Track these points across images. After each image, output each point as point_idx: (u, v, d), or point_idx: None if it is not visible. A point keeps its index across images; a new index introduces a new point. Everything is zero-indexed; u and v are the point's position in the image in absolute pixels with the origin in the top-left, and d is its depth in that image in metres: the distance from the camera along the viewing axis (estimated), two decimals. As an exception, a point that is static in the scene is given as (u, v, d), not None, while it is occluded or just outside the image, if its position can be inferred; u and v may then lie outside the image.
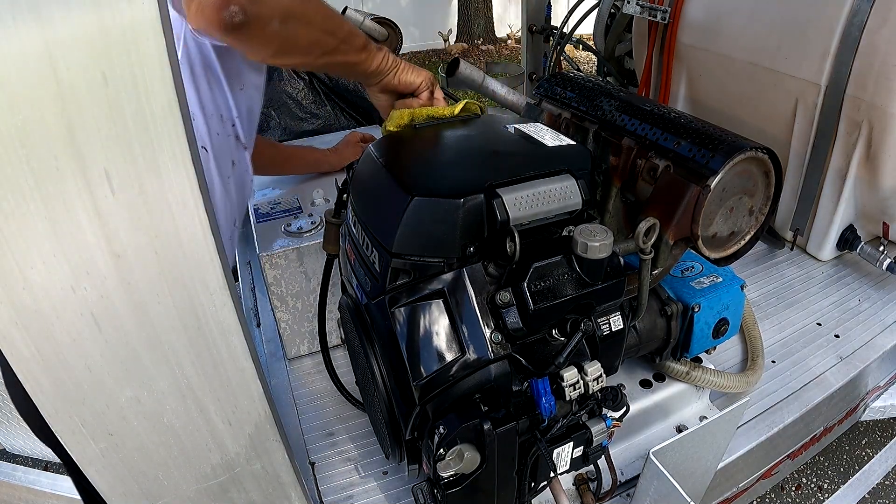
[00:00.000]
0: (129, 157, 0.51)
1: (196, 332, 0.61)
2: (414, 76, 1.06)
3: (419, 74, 1.07)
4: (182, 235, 0.56)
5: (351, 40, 0.97)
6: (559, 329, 0.84)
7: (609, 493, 1.04)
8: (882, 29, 1.43)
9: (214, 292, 0.60)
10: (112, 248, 0.53)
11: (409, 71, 1.06)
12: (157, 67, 0.49)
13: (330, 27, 0.93)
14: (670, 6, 2.00)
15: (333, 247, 1.13)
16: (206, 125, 0.99)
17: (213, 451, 0.72)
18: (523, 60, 3.03)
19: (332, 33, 0.93)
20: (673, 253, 0.92)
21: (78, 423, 0.60)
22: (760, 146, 0.87)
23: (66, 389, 0.58)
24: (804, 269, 1.76)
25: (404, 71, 1.05)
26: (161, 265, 0.56)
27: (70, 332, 0.55)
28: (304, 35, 0.90)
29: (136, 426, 0.64)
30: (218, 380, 0.66)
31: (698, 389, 1.21)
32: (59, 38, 0.45)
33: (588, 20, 2.90)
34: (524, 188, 0.80)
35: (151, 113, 0.50)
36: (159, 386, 0.63)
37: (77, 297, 0.54)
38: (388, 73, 1.04)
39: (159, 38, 0.48)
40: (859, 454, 1.97)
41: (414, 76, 1.06)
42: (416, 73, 1.07)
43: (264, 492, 0.81)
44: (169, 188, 0.54)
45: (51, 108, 0.47)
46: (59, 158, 0.48)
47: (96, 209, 0.51)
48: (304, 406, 1.32)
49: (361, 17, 2.27)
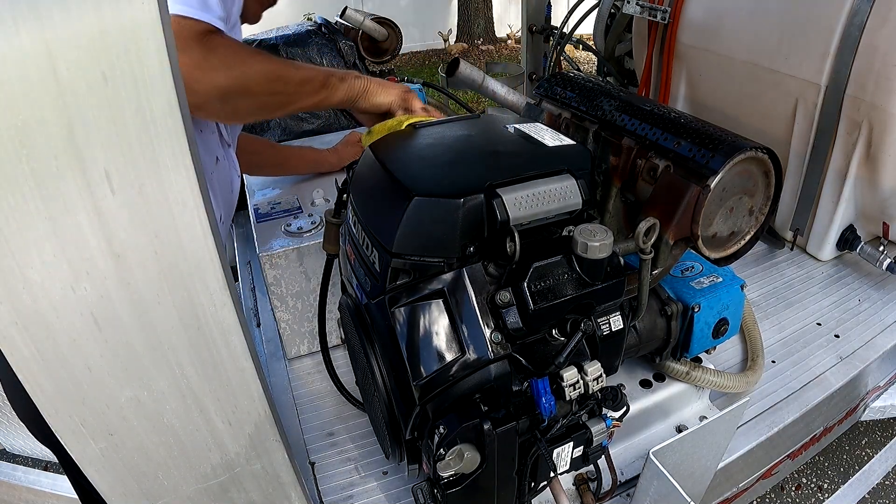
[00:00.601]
0: (129, 157, 0.51)
1: (196, 332, 0.61)
2: (383, 97, 1.08)
3: (389, 94, 1.08)
4: (182, 235, 0.56)
5: (305, 86, 0.99)
6: (559, 329, 0.84)
7: (609, 493, 1.04)
8: (882, 29, 1.43)
9: (214, 292, 0.60)
10: (112, 248, 0.53)
11: (378, 93, 1.08)
12: (157, 67, 0.49)
13: (276, 88, 0.94)
14: (670, 6, 2.00)
15: (333, 247, 1.13)
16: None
17: (213, 451, 0.72)
18: (523, 60, 3.04)
19: (278, 92, 0.95)
20: (673, 253, 0.92)
21: (78, 422, 0.60)
22: (760, 146, 0.87)
23: (66, 389, 0.58)
24: (804, 269, 1.76)
25: (374, 94, 1.07)
26: (161, 265, 0.56)
27: (70, 332, 0.55)
28: (247, 105, 0.93)
29: (136, 426, 0.64)
30: (218, 380, 0.66)
31: (698, 389, 1.21)
32: (59, 38, 0.45)
33: (588, 20, 2.91)
34: (524, 188, 0.80)
35: (151, 113, 0.50)
36: (159, 386, 0.63)
37: (77, 297, 0.54)
38: (358, 99, 1.06)
39: (159, 38, 0.48)
40: (859, 454, 1.97)
41: (383, 97, 1.08)
42: (386, 93, 1.08)
43: (264, 492, 0.81)
44: (169, 188, 0.53)
45: (51, 108, 0.47)
46: (59, 158, 0.48)
47: (96, 209, 0.51)
48: (304, 406, 1.32)
49: (361, 17, 2.27)
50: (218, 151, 1.11)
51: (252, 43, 2.08)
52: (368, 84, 1.07)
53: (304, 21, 2.33)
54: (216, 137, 1.09)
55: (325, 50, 2.06)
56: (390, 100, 1.08)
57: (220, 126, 1.10)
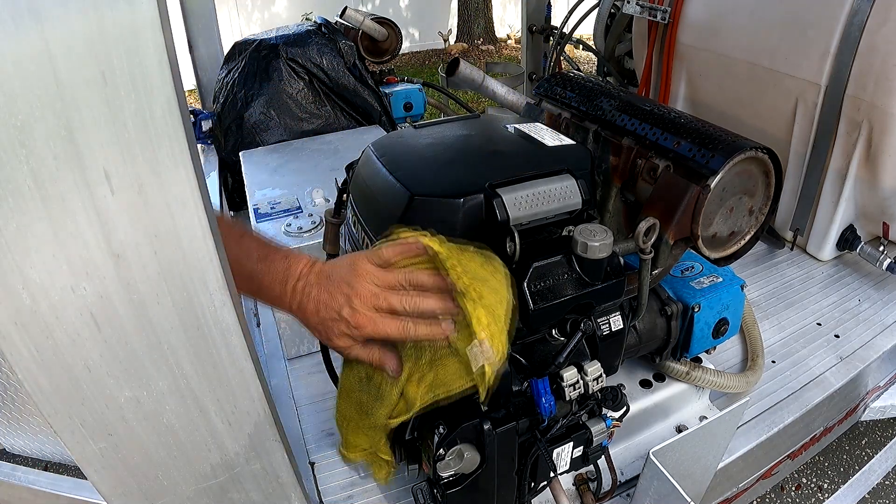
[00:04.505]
0: (129, 157, 0.51)
1: (196, 332, 0.61)
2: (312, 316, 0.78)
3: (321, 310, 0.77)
4: (182, 235, 0.56)
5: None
6: (559, 329, 0.84)
7: (609, 493, 1.04)
8: (882, 29, 1.43)
9: (214, 292, 0.60)
10: (112, 249, 0.53)
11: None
12: (157, 67, 0.49)
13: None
14: (670, 6, 2.00)
15: (333, 247, 1.13)
16: None
17: (213, 451, 0.71)
18: (523, 60, 3.04)
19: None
20: (673, 253, 0.91)
21: (77, 423, 0.60)
22: (760, 146, 0.87)
23: (66, 389, 0.58)
24: (804, 269, 1.76)
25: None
26: (161, 265, 0.56)
27: (69, 332, 0.55)
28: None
29: (136, 426, 0.64)
30: (217, 380, 0.66)
31: (698, 389, 1.20)
32: (58, 38, 0.45)
33: (588, 20, 2.90)
34: (524, 188, 0.80)
35: (151, 113, 0.50)
36: (159, 386, 0.63)
37: (76, 297, 0.54)
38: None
39: (159, 38, 0.48)
40: (859, 454, 1.97)
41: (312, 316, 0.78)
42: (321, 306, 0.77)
43: (264, 492, 0.81)
44: (169, 188, 0.53)
45: (50, 108, 0.47)
46: (59, 159, 0.48)
47: (96, 209, 0.51)
48: (304, 406, 1.32)
49: (361, 17, 2.28)
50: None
51: (252, 43, 2.08)
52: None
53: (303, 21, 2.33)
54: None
55: (325, 50, 2.06)
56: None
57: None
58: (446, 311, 0.71)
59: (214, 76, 2.28)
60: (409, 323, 0.72)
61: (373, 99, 2.14)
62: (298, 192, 1.53)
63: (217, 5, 2.61)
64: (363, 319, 0.72)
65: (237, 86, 2.04)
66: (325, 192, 1.49)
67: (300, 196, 1.51)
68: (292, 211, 1.45)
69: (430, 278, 0.73)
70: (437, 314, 0.71)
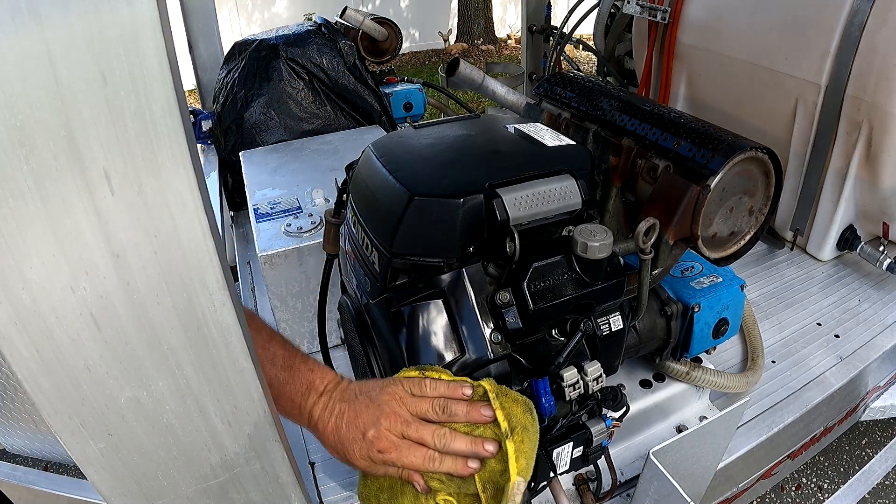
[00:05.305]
0: (129, 157, 0.51)
1: (195, 333, 0.61)
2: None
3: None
4: (182, 235, 0.56)
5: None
6: (559, 329, 0.84)
7: (609, 493, 1.04)
8: (882, 29, 1.43)
9: (214, 292, 0.60)
10: (111, 248, 0.53)
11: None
12: (157, 67, 0.49)
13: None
14: (670, 6, 2.00)
15: (333, 247, 1.13)
16: None
17: (213, 452, 0.71)
18: (523, 60, 3.04)
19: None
20: (673, 253, 0.91)
21: (77, 423, 0.60)
22: (760, 146, 0.87)
23: (66, 389, 0.58)
24: (804, 269, 1.76)
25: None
26: (161, 265, 0.56)
27: (69, 332, 0.55)
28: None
29: (136, 426, 0.64)
30: (217, 380, 0.66)
31: (698, 389, 1.20)
32: (58, 38, 0.45)
33: (588, 20, 2.91)
34: (524, 188, 0.80)
35: (151, 113, 0.50)
36: (159, 386, 0.62)
37: (76, 297, 0.54)
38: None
39: (159, 38, 0.48)
40: (859, 454, 1.97)
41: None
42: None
43: (264, 492, 0.81)
44: (169, 188, 0.53)
45: (50, 108, 0.46)
46: (59, 158, 0.48)
47: (96, 209, 0.51)
48: (303, 406, 1.32)
49: (361, 17, 2.27)
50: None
51: (252, 43, 2.08)
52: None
53: (304, 21, 2.33)
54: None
55: (325, 50, 2.06)
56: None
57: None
58: (475, 454, 0.70)
59: (214, 76, 2.28)
60: (436, 456, 0.70)
61: (373, 99, 2.14)
62: (298, 192, 1.53)
63: (217, 5, 2.61)
64: (387, 445, 0.71)
65: (237, 86, 2.04)
66: (325, 192, 1.49)
67: (300, 196, 1.51)
68: (292, 211, 1.44)
69: (464, 409, 0.71)
70: (465, 455, 0.71)
